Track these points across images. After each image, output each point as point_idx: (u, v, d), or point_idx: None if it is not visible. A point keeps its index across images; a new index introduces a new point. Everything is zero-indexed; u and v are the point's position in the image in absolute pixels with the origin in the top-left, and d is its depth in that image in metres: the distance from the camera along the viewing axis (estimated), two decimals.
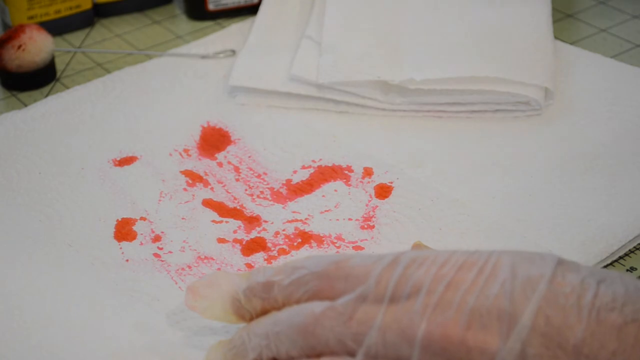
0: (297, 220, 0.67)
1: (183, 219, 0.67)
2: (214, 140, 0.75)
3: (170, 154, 0.73)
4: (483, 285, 0.47)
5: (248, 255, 0.64)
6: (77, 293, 0.61)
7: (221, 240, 0.66)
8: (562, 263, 0.48)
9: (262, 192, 0.70)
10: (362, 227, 0.66)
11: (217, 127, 0.76)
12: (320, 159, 0.72)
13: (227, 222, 0.67)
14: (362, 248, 0.65)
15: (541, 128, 0.74)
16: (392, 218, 0.67)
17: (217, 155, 0.73)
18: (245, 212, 0.68)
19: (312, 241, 0.65)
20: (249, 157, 0.73)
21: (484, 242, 0.64)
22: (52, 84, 0.82)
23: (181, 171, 0.72)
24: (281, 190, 0.70)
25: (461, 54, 0.77)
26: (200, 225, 0.67)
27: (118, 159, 0.73)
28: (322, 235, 0.66)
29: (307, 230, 0.66)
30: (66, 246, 0.65)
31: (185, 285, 0.61)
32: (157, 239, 0.66)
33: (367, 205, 0.68)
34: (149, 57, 0.85)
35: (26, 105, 0.79)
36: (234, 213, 0.68)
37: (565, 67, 0.80)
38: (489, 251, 0.49)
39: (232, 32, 0.87)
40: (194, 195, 0.69)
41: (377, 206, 0.68)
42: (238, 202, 0.69)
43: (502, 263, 0.48)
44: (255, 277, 0.53)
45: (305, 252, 0.64)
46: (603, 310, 0.46)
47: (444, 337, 0.47)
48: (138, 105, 0.78)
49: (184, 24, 0.90)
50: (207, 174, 0.71)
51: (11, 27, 0.86)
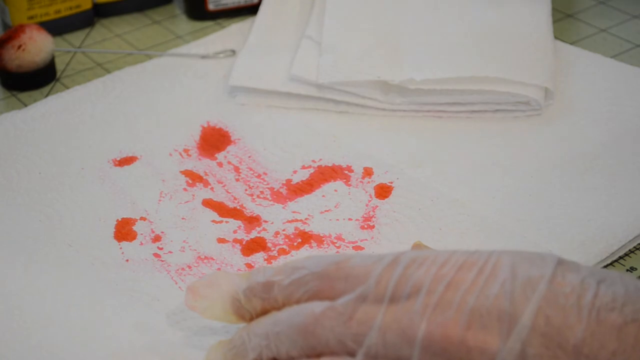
0: (297, 220, 0.67)
1: (183, 219, 0.67)
2: (214, 140, 0.75)
3: (170, 154, 0.73)
4: (483, 285, 0.47)
5: (248, 255, 0.64)
6: (77, 293, 0.61)
7: (221, 240, 0.66)
8: (562, 263, 0.48)
9: (262, 192, 0.70)
10: (362, 227, 0.66)
11: (217, 127, 0.76)
12: (320, 159, 0.72)
13: (227, 222, 0.67)
14: (362, 248, 0.64)
15: (541, 128, 0.74)
16: (392, 218, 0.67)
17: (217, 155, 0.73)
18: (245, 212, 0.68)
19: (312, 241, 0.65)
20: (249, 157, 0.73)
21: (484, 242, 0.64)
22: (52, 84, 0.82)
23: (181, 171, 0.72)
24: (281, 190, 0.70)
25: (461, 54, 0.77)
26: (200, 225, 0.67)
27: (118, 159, 0.73)
28: (322, 235, 0.66)
29: (307, 230, 0.66)
30: (66, 246, 0.65)
31: (185, 285, 0.61)
32: (157, 239, 0.66)
33: (367, 205, 0.68)
34: (149, 57, 0.85)
35: (26, 105, 0.79)
36: (234, 213, 0.68)
37: (565, 67, 0.80)
38: (489, 251, 0.49)
39: (232, 32, 0.87)
40: (194, 195, 0.69)
41: (377, 206, 0.68)
42: (238, 202, 0.69)
43: (502, 263, 0.48)
44: (255, 277, 0.53)
45: (305, 252, 0.64)
46: (603, 310, 0.46)
47: (444, 337, 0.47)
48: (138, 105, 0.78)
49: (184, 24, 0.90)
50: (207, 174, 0.71)
51: (11, 27, 0.85)
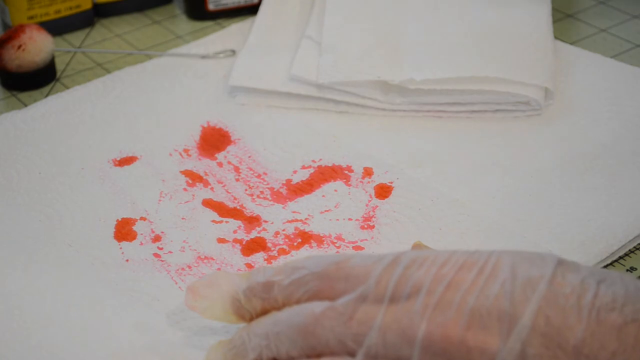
0: (297, 220, 0.67)
1: (183, 219, 0.67)
2: (214, 140, 0.75)
3: (170, 154, 0.73)
4: (483, 285, 0.47)
5: (248, 255, 0.64)
6: (77, 293, 0.61)
7: (221, 240, 0.66)
8: (562, 263, 0.48)
9: (262, 192, 0.70)
10: (362, 227, 0.66)
11: (217, 127, 0.76)
12: (320, 159, 0.72)
13: (227, 222, 0.67)
14: (362, 248, 0.64)
15: (541, 128, 0.74)
16: (392, 218, 0.67)
17: (217, 155, 0.73)
18: (245, 212, 0.68)
19: (312, 241, 0.65)
20: (249, 157, 0.73)
21: (484, 242, 0.64)
22: (52, 84, 0.82)
23: (181, 171, 0.72)
24: (281, 190, 0.70)
25: (461, 54, 0.77)
26: (200, 225, 0.67)
27: (118, 159, 0.73)
28: (322, 235, 0.66)
29: (307, 230, 0.66)
30: (66, 246, 0.65)
31: (185, 285, 0.61)
32: (157, 239, 0.66)
33: (367, 205, 0.68)
34: (149, 57, 0.85)
35: (26, 105, 0.79)
36: (234, 213, 0.68)
37: (565, 67, 0.80)
38: (489, 251, 0.49)
39: (232, 32, 0.87)
40: (194, 195, 0.69)
41: (377, 206, 0.68)
42: (238, 202, 0.69)
43: (502, 263, 0.48)
44: (255, 277, 0.53)
45: (305, 252, 0.64)
46: (603, 310, 0.46)
47: (444, 338, 0.47)
48: (138, 105, 0.78)
49: (184, 24, 0.90)
50: (207, 174, 0.71)
51: (11, 27, 0.85)
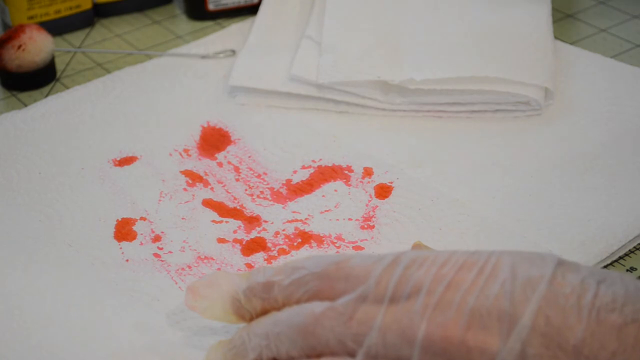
0: (297, 220, 0.67)
1: (183, 219, 0.67)
2: (214, 140, 0.75)
3: (170, 154, 0.73)
4: (483, 285, 0.47)
5: (248, 255, 0.64)
6: (77, 293, 0.61)
7: (221, 240, 0.66)
8: (562, 263, 0.48)
9: (262, 192, 0.70)
10: (362, 227, 0.66)
11: (217, 127, 0.76)
12: (320, 159, 0.72)
13: (227, 222, 0.67)
14: (362, 248, 0.64)
15: (541, 128, 0.74)
16: (392, 218, 0.67)
17: (217, 155, 0.73)
18: (245, 212, 0.68)
19: (312, 241, 0.65)
20: (249, 157, 0.73)
21: (484, 242, 0.64)
22: (52, 84, 0.82)
23: (181, 171, 0.72)
24: (281, 190, 0.70)
25: (461, 54, 0.77)
26: (200, 225, 0.67)
27: (118, 159, 0.73)
28: (322, 235, 0.66)
29: (307, 230, 0.66)
30: (66, 246, 0.65)
31: (185, 285, 0.61)
32: (157, 239, 0.66)
33: (367, 205, 0.68)
34: (149, 57, 0.85)
35: (26, 105, 0.79)
36: (234, 213, 0.68)
37: (565, 67, 0.80)
38: (489, 251, 0.49)
39: (232, 32, 0.87)
40: (194, 195, 0.69)
41: (377, 206, 0.68)
42: (238, 202, 0.69)
43: (502, 263, 0.48)
44: (255, 277, 0.53)
45: (305, 252, 0.64)
46: (603, 310, 0.46)
47: (444, 338, 0.47)
48: (138, 105, 0.78)
49: (184, 24, 0.90)
50: (207, 174, 0.71)
51: (11, 27, 0.85)
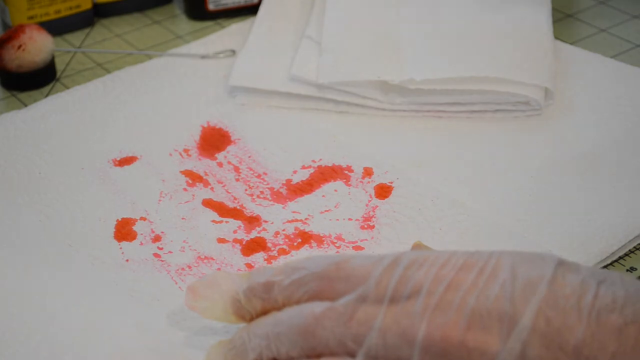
0: (297, 220, 0.67)
1: (183, 219, 0.67)
2: (214, 140, 0.75)
3: (170, 154, 0.73)
4: (483, 286, 0.47)
5: (248, 255, 0.64)
6: (77, 293, 0.61)
7: (221, 240, 0.66)
8: (562, 264, 0.48)
9: (262, 192, 0.69)
10: (362, 227, 0.66)
11: (217, 127, 0.76)
12: (320, 159, 0.72)
13: (227, 222, 0.67)
14: (362, 248, 0.64)
15: (541, 128, 0.74)
16: (392, 218, 0.67)
17: (217, 155, 0.73)
18: (245, 212, 0.68)
19: (312, 241, 0.65)
20: (249, 157, 0.73)
21: (484, 242, 0.64)
22: (52, 84, 0.82)
23: (181, 171, 0.72)
24: (281, 190, 0.70)
25: (461, 54, 0.77)
26: (200, 225, 0.67)
27: (118, 159, 0.73)
28: (322, 235, 0.66)
29: (307, 230, 0.66)
30: (66, 246, 0.65)
31: (185, 285, 0.61)
32: (157, 239, 0.66)
33: (367, 205, 0.68)
34: (149, 57, 0.85)
35: (26, 105, 0.79)
36: (234, 213, 0.68)
37: (565, 67, 0.80)
38: (489, 252, 0.49)
39: (232, 32, 0.87)
40: (194, 195, 0.69)
41: (377, 206, 0.68)
42: (238, 202, 0.69)
43: (502, 264, 0.48)
44: (256, 277, 0.53)
45: (305, 252, 0.64)
46: (603, 311, 0.46)
47: (444, 338, 0.47)
48: (138, 105, 0.78)
49: (184, 24, 0.90)
50: (207, 174, 0.71)
51: (11, 27, 0.85)
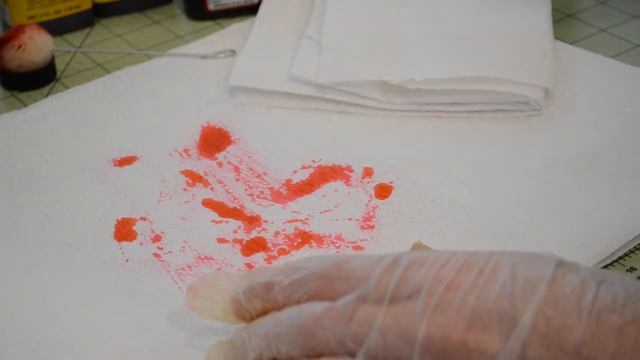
0: (297, 220, 0.67)
1: (183, 219, 0.67)
2: (214, 140, 0.75)
3: (170, 154, 0.73)
4: (483, 286, 0.47)
5: (248, 255, 0.64)
6: (77, 293, 0.61)
7: (221, 240, 0.66)
8: (562, 264, 0.48)
9: (262, 192, 0.70)
10: (362, 227, 0.66)
11: (217, 127, 0.76)
12: (320, 159, 0.72)
13: (227, 222, 0.67)
14: (362, 248, 0.64)
15: (541, 128, 0.74)
16: (392, 218, 0.67)
17: (217, 155, 0.73)
18: (245, 212, 0.68)
19: (312, 241, 0.65)
20: (249, 157, 0.73)
21: (484, 242, 0.64)
22: (52, 84, 0.82)
23: (181, 171, 0.72)
24: (281, 190, 0.70)
25: (461, 54, 0.77)
26: (200, 225, 0.67)
27: (118, 159, 0.73)
28: (322, 235, 0.66)
29: (307, 230, 0.66)
30: (66, 246, 0.65)
31: (185, 285, 0.61)
32: (157, 239, 0.66)
33: (367, 205, 0.68)
34: (149, 57, 0.85)
35: (26, 105, 0.79)
36: (234, 213, 0.68)
37: (565, 67, 0.80)
38: (489, 252, 0.49)
39: (232, 32, 0.87)
40: (194, 195, 0.69)
41: (377, 206, 0.68)
42: (238, 202, 0.69)
43: (502, 264, 0.48)
44: (256, 278, 0.53)
45: (305, 252, 0.64)
46: (603, 311, 0.46)
47: (444, 339, 0.47)
48: (138, 105, 0.78)
49: (184, 24, 0.90)
50: (207, 174, 0.71)
51: (11, 27, 0.85)
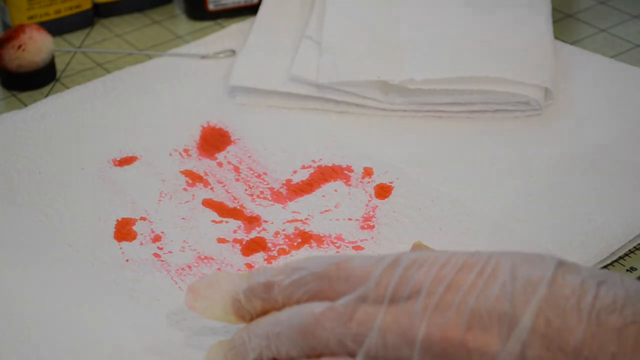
0: (297, 220, 0.67)
1: (183, 219, 0.67)
2: (214, 140, 0.75)
3: (170, 154, 0.73)
4: (483, 286, 0.47)
5: (248, 255, 0.64)
6: (77, 293, 0.61)
7: (221, 240, 0.66)
8: (562, 264, 0.48)
9: (262, 192, 0.70)
10: (362, 227, 0.66)
11: (217, 127, 0.76)
12: (320, 159, 0.72)
13: (227, 222, 0.67)
14: (362, 248, 0.64)
15: (541, 128, 0.74)
16: (392, 218, 0.67)
17: (217, 155, 0.73)
18: (245, 212, 0.68)
19: (312, 241, 0.65)
20: (249, 157, 0.73)
21: (484, 242, 0.64)
22: (52, 84, 0.82)
23: (181, 171, 0.72)
24: (281, 190, 0.70)
25: (461, 53, 0.77)
26: (200, 225, 0.67)
27: (118, 159, 0.73)
28: (322, 235, 0.66)
29: (307, 230, 0.66)
30: (66, 246, 0.65)
31: (185, 285, 0.61)
32: (157, 239, 0.66)
33: (367, 205, 0.68)
34: (149, 57, 0.85)
35: (26, 105, 0.79)
36: (234, 213, 0.68)
37: (565, 67, 0.80)
38: (489, 252, 0.49)
39: (232, 32, 0.87)
40: (194, 195, 0.69)
41: (377, 206, 0.68)
42: (238, 202, 0.69)
43: (502, 264, 0.48)
44: (256, 278, 0.53)
45: (305, 252, 0.64)
46: (603, 312, 0.46)
47: (444, 339, 0.47)
48: (138, 105, 0.78)
49: (184, 24, 0.90)
50: (207, 174, 0.71)
51: (11, 27, 0.85)
